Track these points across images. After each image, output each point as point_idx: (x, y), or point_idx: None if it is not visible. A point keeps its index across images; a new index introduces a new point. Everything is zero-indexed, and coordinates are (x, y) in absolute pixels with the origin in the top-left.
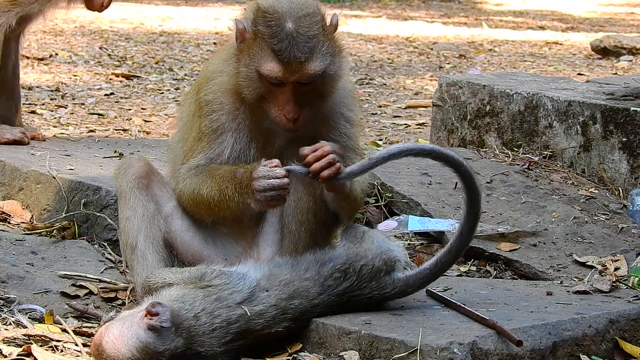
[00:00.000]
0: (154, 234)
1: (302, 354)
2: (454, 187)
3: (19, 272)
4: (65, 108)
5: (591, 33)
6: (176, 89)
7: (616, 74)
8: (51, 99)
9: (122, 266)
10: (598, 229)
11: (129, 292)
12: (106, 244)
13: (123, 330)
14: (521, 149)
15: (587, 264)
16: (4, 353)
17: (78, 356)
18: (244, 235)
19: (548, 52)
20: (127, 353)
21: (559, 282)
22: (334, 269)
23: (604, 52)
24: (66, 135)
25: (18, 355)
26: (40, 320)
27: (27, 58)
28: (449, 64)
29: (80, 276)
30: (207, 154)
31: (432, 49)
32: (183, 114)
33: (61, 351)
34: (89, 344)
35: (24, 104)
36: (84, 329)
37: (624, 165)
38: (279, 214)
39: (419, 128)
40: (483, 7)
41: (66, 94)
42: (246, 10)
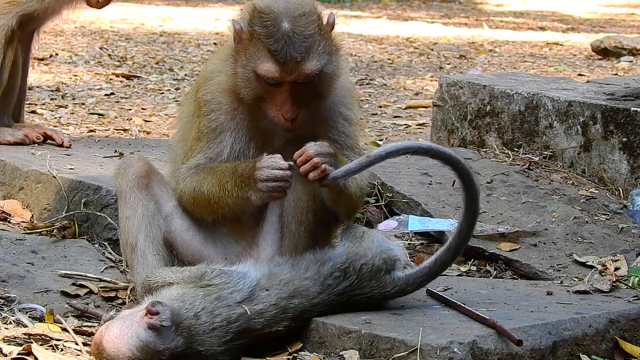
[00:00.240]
0: (154, 234)
1: (302, 353)
2: (452, 185)
3: (20, 272)
4: (66, 108)
5: (591, 34)
6: (176, 89)
7: (616, 74)
8: (51, 99)
9: (122, 265)
10: (598, 229)
11: (129, 292)
12: (106, 243)
13: (123, 330)
14: (521, 149)
15: (587, 264)
16: (4, 352)
17: (78, 355)
18: (244, 235)
19: (548, 53)
20: (128, 352)
21: (559, 282)
22: (334, 268)
23: (605, 52)
24: (66, 135)
25: (18, 354)
26: (41, 320)
27: None
28: (449, 64)
29: (81, 275)
30: (206, 154)
31: (432, 49)
32: (183, 114)
33: (61, 350)
34: (89, 343)
35: None
36: (84, 328)
37: (624, 166)
38: (279, 213)
39: (419, 128)
40: (483, 7)
41: (66, 94)
42: (243, 10)
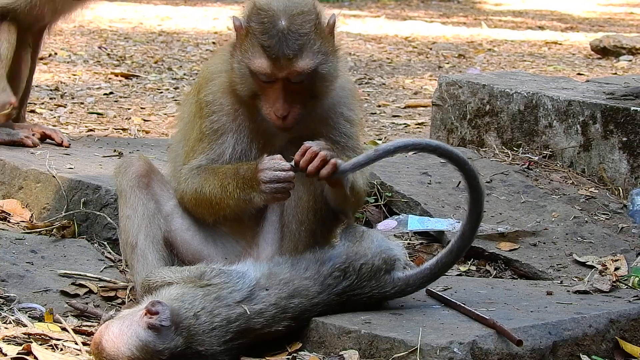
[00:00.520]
0: (154, 233)
1: (301, 353)
2: (456, 185)
3: (19, 271)
4: (65, 107)
5: (591, 33)
6: (175, 88)
7: (616, 73)
8: (50, 98)
9: (121, 265)
10: (598, 228)
11: (128, 291)
12: (106, 242)
13: (123, 329)
14: (521, 148)
15: (587, 263)
16: (3, 352)
17: (78, 355)
18: (244, 235)
19: (547, 52)
20: (127, 352)
21: (559, 281)
22: (334, 268)
23: (604, 52)
24: (66, 134)
25: (18, 353)
26: (40, 319)
27: None
28: (448, 63)
29: (80, 275)
30: (208, 155)
31: (431, 48)
32: (184, 114)
33: (61, 350)
34: (88, 342)
35: None
36: (83, 328)
37: (624, 165)
38: (279, 213)
39: (418, 127)
40: (482, 7)
41: (65, 93)
42: (244, 7)
